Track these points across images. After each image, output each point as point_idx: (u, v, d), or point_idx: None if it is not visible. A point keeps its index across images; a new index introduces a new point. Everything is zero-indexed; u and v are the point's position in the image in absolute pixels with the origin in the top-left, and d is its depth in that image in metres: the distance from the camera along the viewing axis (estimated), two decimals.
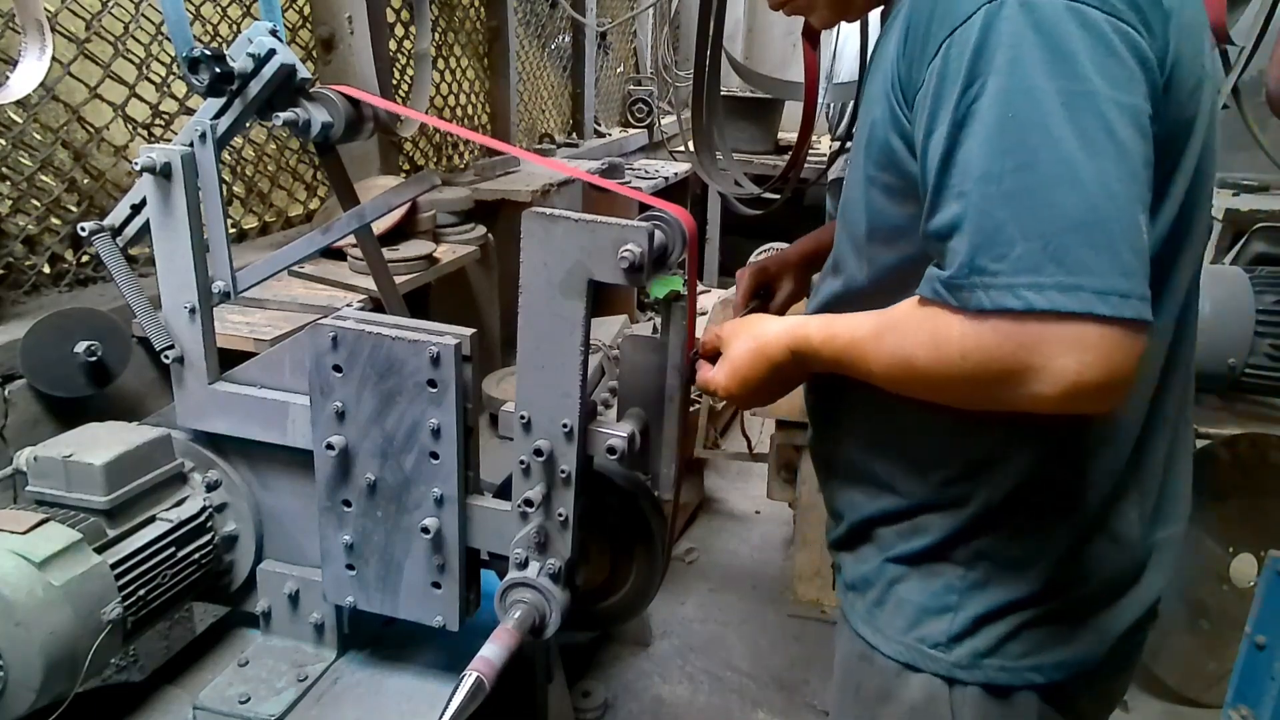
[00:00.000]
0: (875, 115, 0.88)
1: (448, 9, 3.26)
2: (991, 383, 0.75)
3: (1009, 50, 0.72)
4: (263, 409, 1.14)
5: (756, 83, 2.26)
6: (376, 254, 1.48)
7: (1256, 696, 1.71)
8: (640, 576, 1.22)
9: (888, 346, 0.84)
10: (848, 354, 0.89)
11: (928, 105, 0.78)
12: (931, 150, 0.77)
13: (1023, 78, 0.72)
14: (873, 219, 0.92)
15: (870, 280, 0.95)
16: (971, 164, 0.74)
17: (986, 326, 0.73)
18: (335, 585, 1.14)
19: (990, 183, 0.72)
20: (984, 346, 0.74)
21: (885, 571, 1.01)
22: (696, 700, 2.50)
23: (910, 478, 0.98)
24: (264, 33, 1.11)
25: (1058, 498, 0.93)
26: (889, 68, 0.85)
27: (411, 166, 3.11)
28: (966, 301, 0.74)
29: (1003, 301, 0.72)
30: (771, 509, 3.37)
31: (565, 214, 0.93)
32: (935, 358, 0.78)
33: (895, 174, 0.87)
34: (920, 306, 0.81)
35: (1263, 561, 1.75)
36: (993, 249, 0.72)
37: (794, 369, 0.96)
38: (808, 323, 0.94)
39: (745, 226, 3.44)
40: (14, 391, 1.58)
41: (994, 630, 0.94)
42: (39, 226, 1.79)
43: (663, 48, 5.42)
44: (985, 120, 0.73)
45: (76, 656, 0.97)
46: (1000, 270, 0.72)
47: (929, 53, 0.78)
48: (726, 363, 1.00)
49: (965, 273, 0.74)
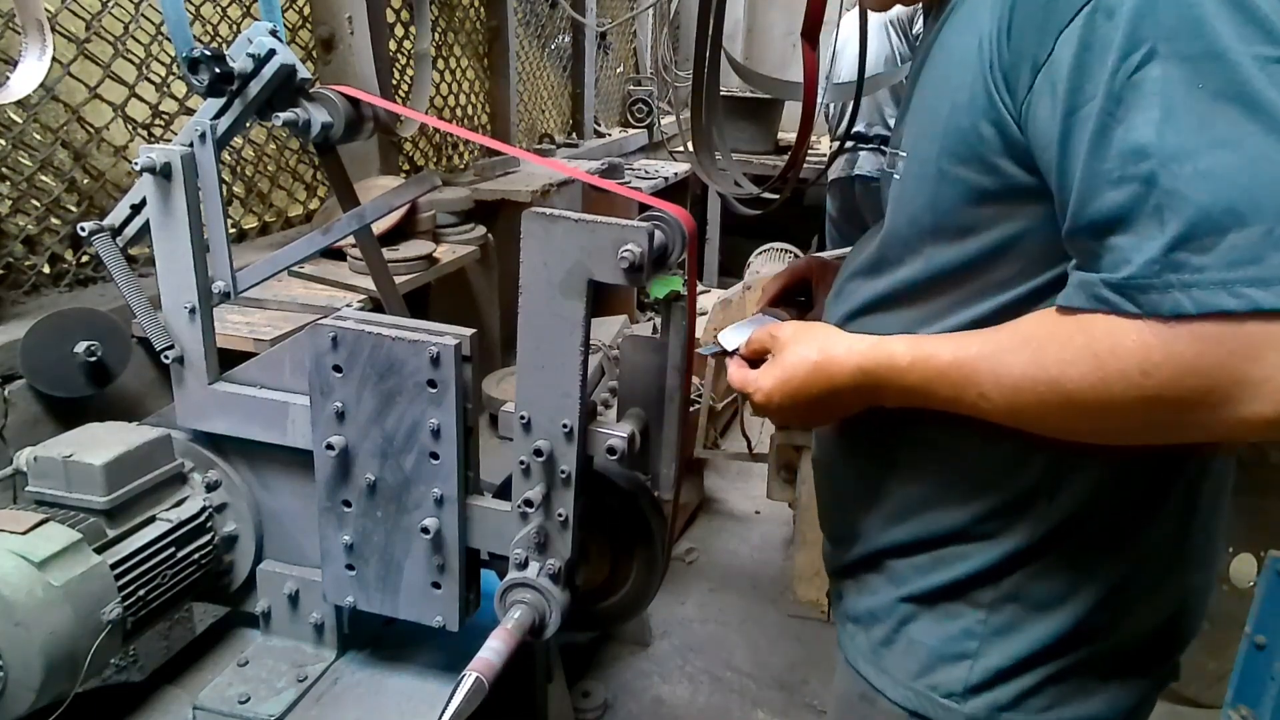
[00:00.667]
0: (955, 103, 0.77)
1: (448, 9, 3.26)
2: (1183, 404, 0.63)
3: (1185, 10, 0.62)
4: (263, 409, 1.14)
5: (756, 83, 2.26)
6: (376, 254, 1.48)
7: (1256, 696, 1.71)
8: (640, 576, 1.22)
9: (1016, 366, 0.71)
10: (948, 377, 0.76)
11: (1064, 80, 0.67)
12: (1076, 130, 0.66)
13: (1209, 41, 0.61)
14: (940, 217, 0.81)
15: (922, 281, 0.85)
16: (1147, 142, 0.62)
17: (1182, 334, 0.61)
18: (335, 585, 1.14)
19: (1183, 161, 0.61)
20: (1178, 358, 0.62)
21: (897, 609, 0.92)
22: (696, 700, 2.50)
23: (942, 507, 0.88)
24: (264, 33, 1.11)
25: (1102, 534, 0.84)
26: (980, 46, 0.74)
27: (411, 166, 3.11)
28: (1156, 305, 0.62)
29: (1214, 302, 0.60)
30: (771, 509, 3.37)
31: (565, 214, 0.93)
32: (1099, 378, 0.65)
33: (977, 168, 0.76)
34: (1062, 317, 0.69)
35: (1263, 561, 1.75)
36: (1196, 240, 0.60)
37: (855, 395, 0.84)
38: (889, 342, 0.82)
39: (745, 226, 3.44)
40: (14, 391, 1.58)
41: (1016, 683, 0.86)
42: (39, 226, 1.79)
43: (663, 48, 5.42)
44: (1162, 91, 0.62)
45: (76, 656, 0.97)
46: (1206, 265, 0.60)
47: (1058, 20, 0.67)
48: (778, 368, 0.88)
49: (1154, 270, 0.62)
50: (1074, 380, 0.67)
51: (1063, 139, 0.67)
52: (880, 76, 3.21)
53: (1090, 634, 0.86)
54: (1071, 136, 0.67)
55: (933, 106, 0.82)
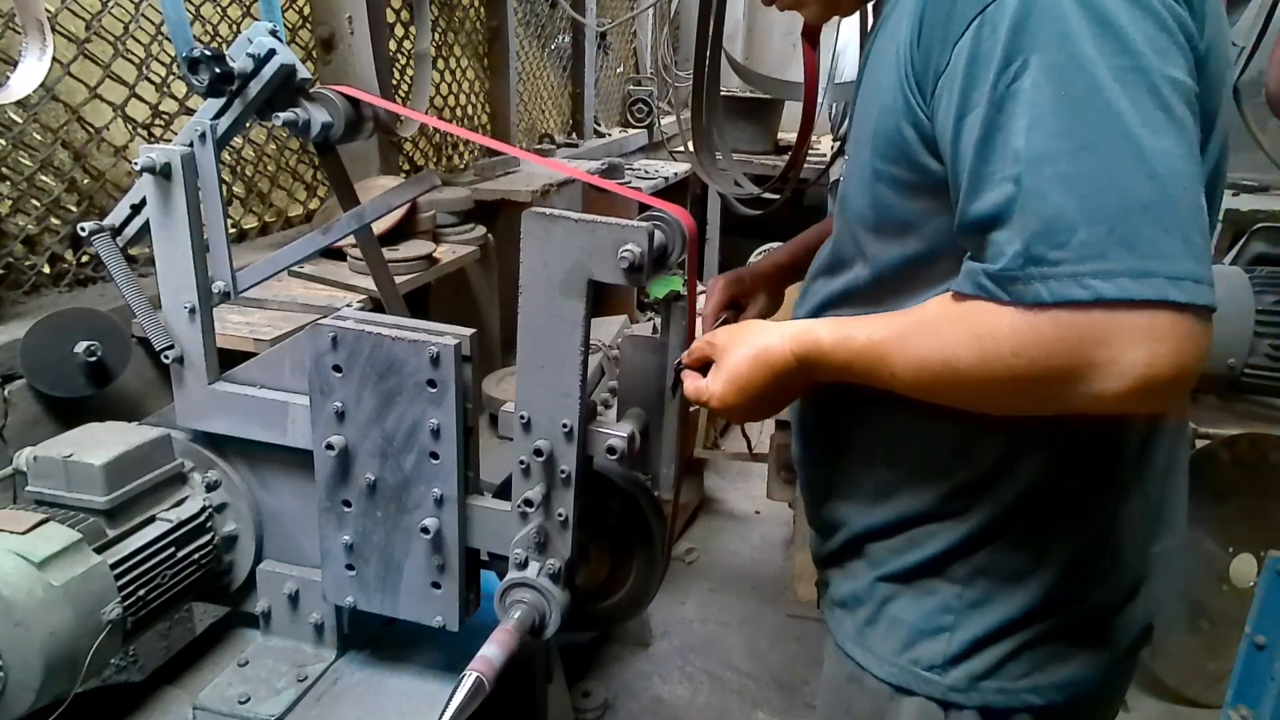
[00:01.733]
0: (882, 105, 0.83)
1: (448, 9, 3.26)
2: (1049, 381, 0.70)
3: (1053, 24, 0.68)
4: (263, 409, 1.14)
5: (756, 83, 2.26)
6: (376, 254, 1.48)
7: (1256, 696, 1.70)
8: (640, 576, 1.22)
9: (918, 347, 0.78)
10: (864, 357, 0.83)
11: (956, 88, 0.73)
12: (964, 135, 0.72)
13: (1072, 53, 0.67)
14: (879, 215, 0.87)
15: (873, 279, 0.91)
16: (1019, 147, 0.68)
17: (1044, 320, 0.68)
18: (335, 585, 1.14)
19: (1045, 165, 0.67)
20: (1042, 342, 0.68)
21: (877, 590, 0.97)
22: (696, 700, 2.50)
23: (909, 489, 0.94)
24: (264, 33, 1.11)
25: (1061, 508, 0.89)
26: (899, 54, 0.80)
27: (411, 166, 3.11)
28: (1021, 294, 0.68)
29: (1066, 292, 0.66)
30: (771, 509, 3.37)
31: (565, 214, 0.93)
32: (980, 358, 0.72)
33: (905, 166, 0.82)
34: (956, 303, 0.76)
35: (1263, 561, 1.75)
36: (1052, 236, 0.67)
37: (798, 377, 0.90)
38: (814, 326, 0.88)
39: (745, 226, 3.44)
40: (14, 391, 1.58)
41: (992, 652, 0.91)
42: (39, 226, 1.79)
43: (663, 48, 5.42)
44: (1032, 100, 0.68)
45: (76, 656, 0.97)
46: (1062, 259, 0.66)
47: (954, 32, 0.73)
48: (723, 370, 0.93)
49: (1020, 263, 0.68)
50: (962, 360, 0.74)
51: (954, 141, 0.74)
52: None
53: (1060, 602, 0.91)
54: (961, 139, 0.73)
55: (865, 110, 0.89)
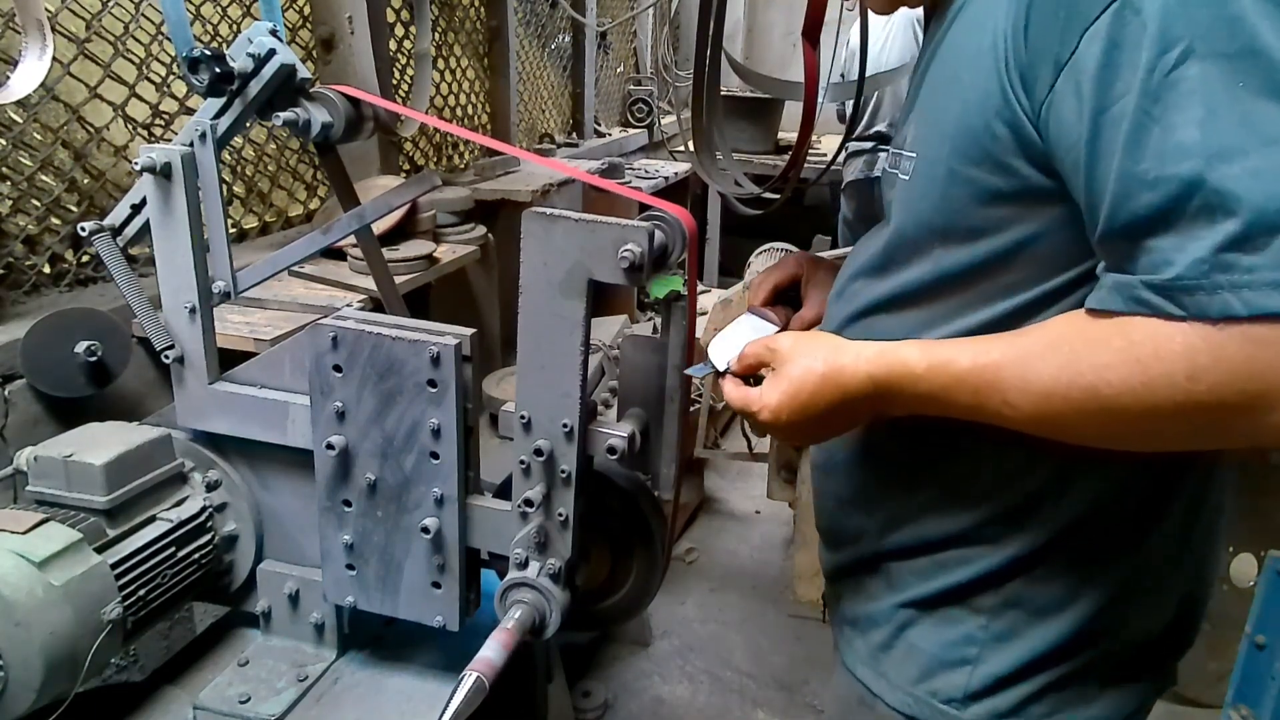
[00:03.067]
0: (966, 101, 0.75)
1: (448, 9, 3.26)
2: (1232, 409, 0.61)
3: (1219, 7, 0.60)
4: (263, 409, 1.14)
5: (756, 83, 2.26)
6: (376, 254, 1.48)
7: (1256, 696, 1.70)
8: (640, 576, 1.22)
9: (1046, 373, 0.68)
10: (968, 384, 0.73)
11: (1090, 79, 0.65)
12: (1106, 131, 0.64)
13: (1247, 38, 0.60)
14: (949, 219, 0.79)
15: (933, 282, 0.82)
16: (1190, 141, 0.60)
17: (1231, 337, 0.59)
18: (335, 585, 1.14)
19: (1230, 160, 0.59)
20: (1227, 362, 0.60)
21: (896, 614, 0.91)
22: (696, 700, 2.50)
23: (942, 512, 0.87)
24: (264, 33, 1.11)
25: (1106, 541, 0.83)
26: (994, 44, 0.72)
27: (411, 166, 3.11)
28: (1204, 307, 0.60)
29: (1266, 303, 0.58)
30: (771, 509, 3.37)
31: (565, 214, 0.93)
32: (1141, 381, 0.63)
33: (989, 168, 0.74)
34: (1094, 320, 0.67)
35: (1263, 561, 1.75)
36: (1248, 239, 0.58)
37: (868, 403, 0.80)
38: (899, 348, 0.78)
39: (745, 226, 3.44)
40: (14, 391, 1.58)
41: (1016, 691, 0.85)
42: (39, 226, 1.79)
43: (663, 48, 5.42)
44: (1202, 90, 0.60)
45: (76, 656, 0.97)
46: (1258, 265, 0.58)
47: (1083, 18, 0.65)
48: (784, 381, 0.83)
49: (1202, 270, 0.59)
50: (1113, 385, 0.65)
51: (1092, 139, 0.65)
52: (881, 76, 3.20)
53: (1091, 640, 0.85)
54: (1101, 137, 0.65)
55: (943, 106, 0.80)
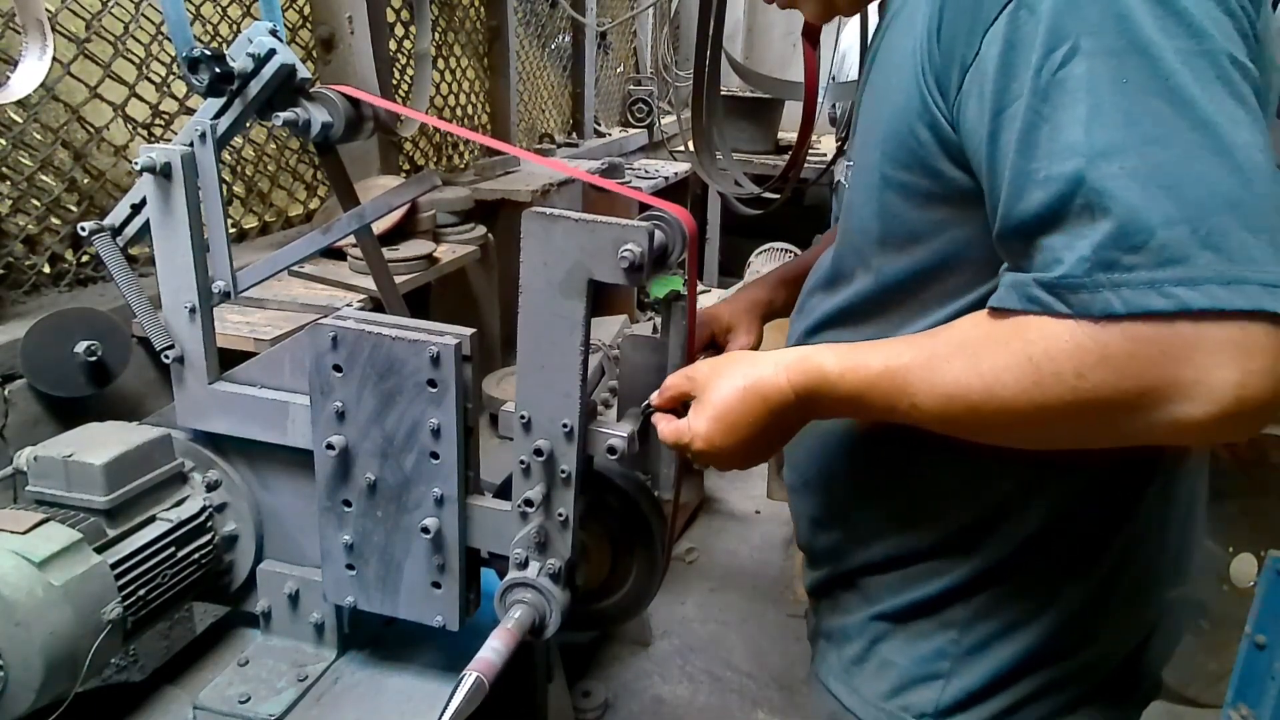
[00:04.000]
0: (893, 106, 0.76)
1: (448, 9, 3.26)
2: (1117, 407, 0.61)
3: (1107, 5, 0.60)
4: (263, 409, 1.14)
5: (756, 83, 2.26)
6: (376, 254, 1.48)
7: (1256, 696, 1.71)
8: (640, 576, 1.22)
9: (949, 373, 0.68)
10: (879, 387, 0.73)
11: (990, 80, 0.65)
12: (1004, 131, 0.65)
13: (1131, 35, 0.60)
14: (886, 224, 0.80)
15: (877, 292, 0.84)
16: (1074, 140, 0.61)
17: (1114, 334, 0.59)
18: (335, 585, 1.14)
19: (1110, 159, 0.59)
20: (1112, 360, 0.60)
21: (869, 628, 0.92)
22: (696, 700, 2.50)
23: (908, 527, 0.87)
24: (264, 33, 1.11)
25: (1075, 550, 0.82)
26: (914, 50, 0.73)
27: (411, 166, 3.11)
28: (1087, 306, 0.60)
29: (1144, 302, 0.58)
30: (771, 509, 3.37)
31: (565, 214, 0.93)
32: (1033, 382, 0.63)
33: (918, 172, 0.75)
34: (995, 320, 0.67)
35: (1263, 561, 1.75)
36: (1125, 239, 0.58)
37: (795, 412, 0.80)
38: (814, 353, 0.78)
39: (745, 226, 3.44)
40: (14, 391, 1.58)
41: (989, 705, 0.85)
42: (39, 226, 1.79)
43: (663, 48, 5.42)
44: (1087, 87, 0.60)
45: (77, 656, 0.97)
46: (1136, 264, 0.58)
47: (983, 19, 0.66)
48: (707, 407, 0.82)
49: (1084, 269, 0.60)
50: (1009, 386, 0.65)
51: (991, 139, 0.66)
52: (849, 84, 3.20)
53: (1064, 650, 0.84)
54: (1000, 136, 0.65)
55: (874, 112, 0.81)
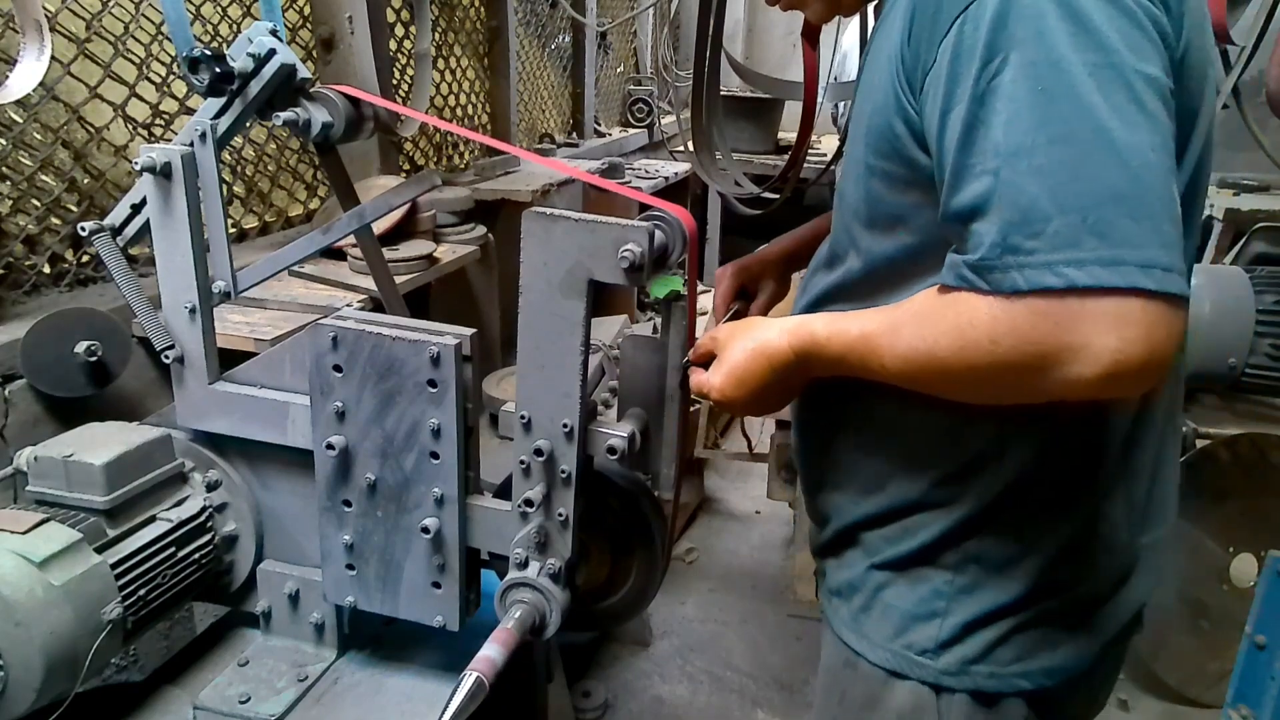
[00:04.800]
0: (875, 102, 0.86)
1: (448, 9, 3.26)
2: (1025, 369, 0.72)
3: (1031, 23, 0.70)
4: (263, 409, 1.14)
5: (756, 83, 2.26)
6: (376, 254, 1.48)
7: (1256, 696, 1.71)
8: (640, 576, 1.22)
9: (906, 339, 0.81)
10: (856, 350, 0.86)
11: (941, 84, 0.76)
12: (949, 129, 0.75)
13: (1048, 50, 0.70)
14: (871, 208, 0.90)
15: (865, 271, 0.94)
16: (998, 140, 0.71)
17: (1020, 308, 0.70)
18: (335, 585, 1.14)
19: (1021, 158, 0.70)
20: (1017, 329, 0.71)
21: (871, 577, 1.00)
22: (696, 700, 2.50)
23: (901, 478, 0.96)
24: (264, 32, 1.11)
25: (1048, 497, 0.92)
26: (891, 52, 0.83)
27: (411, 166, 3.11)
28: (999, 283, 0.71)
29: (1040, 280, 0.69)
30: (771, 509, 3.37)
31: (565, 214, 0.93)
32: (960, 346, 0.75)
33: (896, 161, 0.85)
34: (940, 295, 0.78)
35: (1263, 561, 1.75)
36: (1027, 226, 0.69)
37: (796, 370, 0.93)
38: (810, 320, 0.92)
39: (745, 226, 3.44)
40: (14, 391, 1.58)
41: (982, 636, 0.93)
42: (39, 226, 1.79)
43: (663, 48, 5.41)
44: (1010, 95, 0.71)
45: (77, 656, 0.97)
46: (1036, 248, 0.69)
47: (939, 31, 0.76)
48: (724, 364, 0.96)
49: (997, 253, 0.71)
50: (944, 349, 0.77)
51: (939, 135, 0.76)
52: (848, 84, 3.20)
53: (1049, 589, 0.93)
54: (945, 133, 0.75)
55: (861, 107, 0.91)
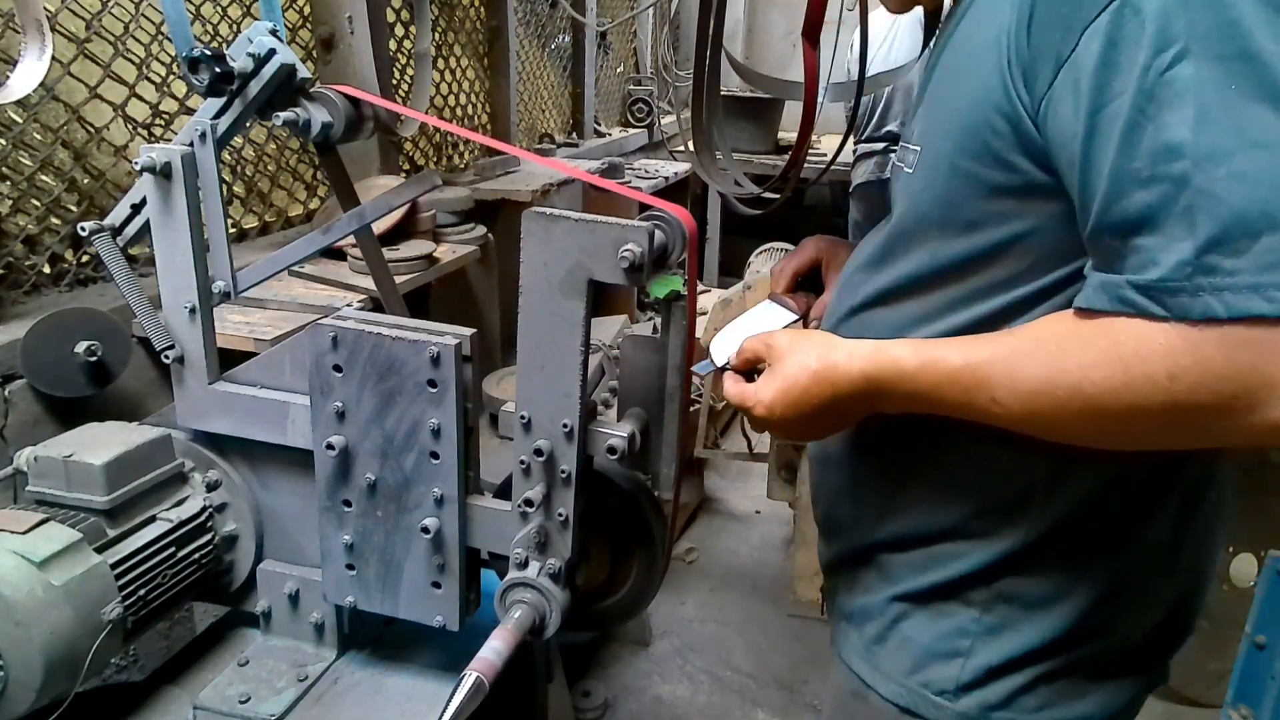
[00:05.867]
0: (972, 97, 0.76)
1: (448, 9, 3.26)
2: (1209, 410, 0.62)
3: (1216, 8, 0.61)
4: (263, 409, 1.14)
5: (756, 83, 2.26)
6: (376, 254, 1.48)
7: (1256, 696, 1.71)
8: (640, 576, 1.22)
9: (1033, 371, 0.69)
10: (959, 382, 0.74)
11: (1089, 76, 0.65)
12: (1102, 128, 0.65)
13: (1242, 40, 0.60)
14: (949, 210, 0.80)
15: (927, 274, 0.84)
16: (1179, 141, 0.61)
17: (1211, 338, 0.60)
18: (335, 585, 1.14)
19: (1217, 163, 0.60)
20: (1207, 363, 0.60)
21: (890, 608, 0.92)
22: (696, 700, 2.50)
23: (935, 504, 0.88)
24: (264, 32, 1.11)
25: (1098, 537, 0.83)
26: (996, 38, 0.73)
27: (411, 166, 3.11)
28: (1186, 309, 0.60)
29: (1246, 306, 0.59)
30: (771, 509, 3.37)
31: (565, 214, 0.93)
32: (1123, 381, 0.64)
33: (990, 164, 0.75)
34: (1082, 320, 0.68)
35: (1263, 561, 1.75)
36: (1229, 243, 0.59)
37: (861, 401, 0.81)
38: (890, 346, 0.80)
39: (745, 226, 3.44)
40: (14, 391, 1.58)
41: (1008, 682, 0.86)
42: (39, 226, 1.79)
43: (663, 48, 5.41)
44: (1195, 90, 0.61)
45: (77, 656, 0.97)
46: (1239, 268, 0.59)
47: (1083, 15, 0.66)
48: (778, 379, 0.84)
49: (1185, 273, 0.60)
50: (1096, 384, 0.65)
51: (1087, 136, 0.66)
52: (883, 75, 3.20)
53: (1083, 636, 0.86)
54: (1097, 134, 0.65)
55: (948, 100, 0.81)
